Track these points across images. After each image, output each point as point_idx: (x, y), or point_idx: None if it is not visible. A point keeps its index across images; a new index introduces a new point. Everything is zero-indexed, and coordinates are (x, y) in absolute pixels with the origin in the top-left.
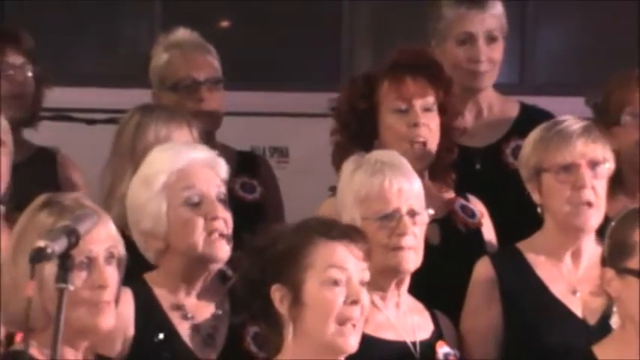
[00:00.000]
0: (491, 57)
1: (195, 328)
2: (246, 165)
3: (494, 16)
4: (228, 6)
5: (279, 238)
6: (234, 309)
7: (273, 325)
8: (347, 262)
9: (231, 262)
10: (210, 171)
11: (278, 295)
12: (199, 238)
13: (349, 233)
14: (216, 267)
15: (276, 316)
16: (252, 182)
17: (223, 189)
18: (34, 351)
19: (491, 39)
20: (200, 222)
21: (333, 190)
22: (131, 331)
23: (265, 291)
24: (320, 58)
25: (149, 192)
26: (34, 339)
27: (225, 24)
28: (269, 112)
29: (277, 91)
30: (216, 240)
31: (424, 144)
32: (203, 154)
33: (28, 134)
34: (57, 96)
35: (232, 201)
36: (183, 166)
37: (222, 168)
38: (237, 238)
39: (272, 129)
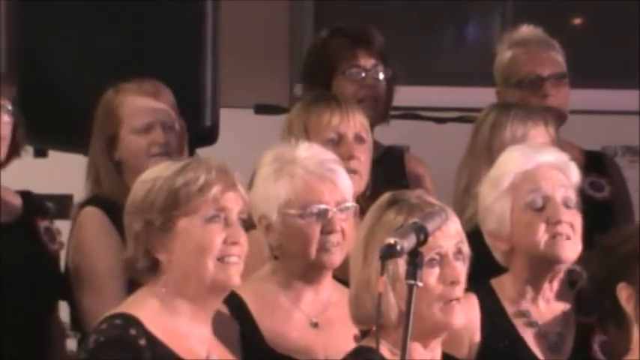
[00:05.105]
0: None
1: (541, 335)
2: (594, 164)
3: None
4: (580, 4)
5: (630, 238)
6: (582, 309)
7: (621, 326)
8: None
9: (581, 262)
10: (559, 174)
11: (624, 293)
12: (541, 239)
13: None
14: (562, 267)
15: (623, 316)
16: (601, 181)
17: (572, 193)
18: (383, 350)
19: None
20: (542, 226)
21: None
22: (477, 336)
23: (613, 290)
24: None
25: (496, 192)
26: (384, 337)
27: (577, 22)
28: (621, 111)
29: (630, 89)
30: (560, 241)
31: None
32: (553, 156)
33: (379, 133)
34: (406, 95)
35: (582, 200)
36: (531, 168)
37: (573, 171)
38: (587, 237)
39: (624, 128)
